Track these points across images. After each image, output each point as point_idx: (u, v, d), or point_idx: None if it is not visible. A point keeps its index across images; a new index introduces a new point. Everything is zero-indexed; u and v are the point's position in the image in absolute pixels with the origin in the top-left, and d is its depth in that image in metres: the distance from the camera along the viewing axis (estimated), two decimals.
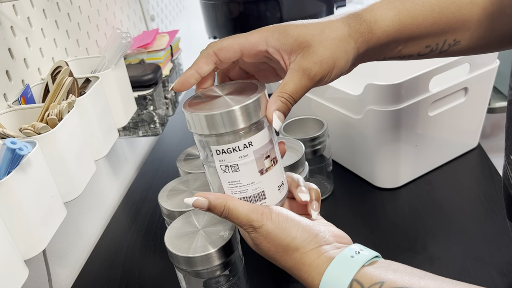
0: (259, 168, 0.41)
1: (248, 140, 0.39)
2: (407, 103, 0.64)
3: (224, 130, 0.38)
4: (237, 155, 0.40)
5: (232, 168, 0.41)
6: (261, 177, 0.41)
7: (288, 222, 0.40)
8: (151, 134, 0.84)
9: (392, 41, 0.43)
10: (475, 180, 0.73)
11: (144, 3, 1.04)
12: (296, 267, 0.40)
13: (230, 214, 0.41)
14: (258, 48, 0.41)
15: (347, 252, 0.38)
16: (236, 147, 0.39)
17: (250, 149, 0.40)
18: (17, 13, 0.58)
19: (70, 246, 0.70)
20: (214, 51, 0.42)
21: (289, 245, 0.39)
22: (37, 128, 0.48)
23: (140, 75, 0.78)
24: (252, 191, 0.41)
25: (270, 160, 0.41)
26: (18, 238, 0.44)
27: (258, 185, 0.41)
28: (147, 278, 0.64)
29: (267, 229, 0.40)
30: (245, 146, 0.40)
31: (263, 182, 0.41)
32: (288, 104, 0.40)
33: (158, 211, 0.77)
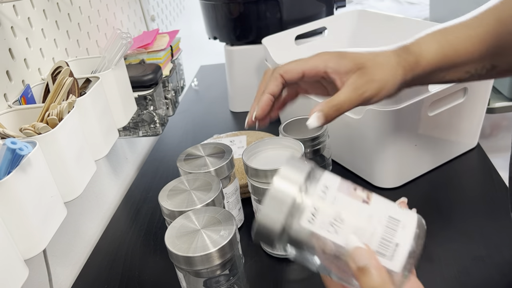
0: (359, 200, 0.33)
1: (324, 183, 0.33)
2: (407, 103, 0.64)
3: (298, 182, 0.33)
4: (327, 200, 0.33)
5: (334, 219, 0.32)
6: (369, 207, 0.33)
7: None
8: (151, 134, 0.84)
9: (436, 70, 0.48)
10: (475, 180, 0.73)
11: (145, 4, 1.05)
12: None
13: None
14: (318, 69, 0.47)
15: None
16: (318, 193, 0.33)
17: (331, 190, 0.33)
18: (18, 13, 0.58)
19: (70, 246, 0.70)
20: (281, 74, 0.48)
21: None
22: (37, 128, 0.48)
23: (140, 75, 0.79)
24: (378, 223, 0.32)
25: (362, 190, 0.34)
26: (18, 238, 0.44)
27: (376, 223, 0.32)
28: (147, 278, 0.64)
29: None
30: (326, 188, 0.33)
31: (375, 211, 0.33)
32: (331, 112, 0.45)
33: (158, 211, 0.77)
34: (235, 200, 0.67)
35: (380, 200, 0.33)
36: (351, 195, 0.32)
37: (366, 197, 0.33)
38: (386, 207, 0.33)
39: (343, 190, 0.33)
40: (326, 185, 0.33)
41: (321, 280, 0.37)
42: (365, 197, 0.33)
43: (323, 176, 0.33)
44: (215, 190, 0.57)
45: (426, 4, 1.64)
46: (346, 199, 0.32)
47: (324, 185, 0.33)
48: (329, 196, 0.32)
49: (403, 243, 0.31)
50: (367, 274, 0.30)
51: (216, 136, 0.87)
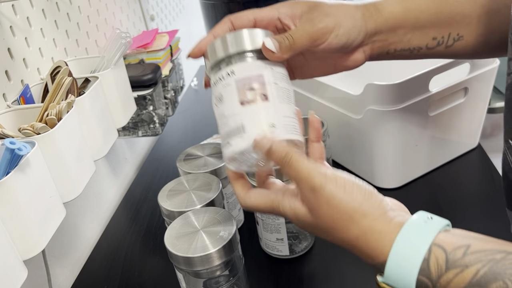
0: (240, 99, 0.39)
1: (231, 68, 0.40)
2: (407, 103, 0.64)
3: (213, 58, 0.41)
4: (222, 84, 0.40)
5: (218, 99, 0.40)
6: (241, 108, 0.39)
7: (354, 186, 0.36)
8: (151, 134, 0.84)
9: (399, 26, 0.46)
10: (475, 180, 0.73)
11: (144, 3, 1.04)
12: (364, 237, 0.35)
13: (291, 165, 0.37)
14: (270, 16, 0.44)
15: (419, 217, 0.34)
16: (222, 75, 0.40)
17: (231, 77, 0.40)
18: (17, 13, 0.58)
19: (70, 246, 0.70)
20: (230, 19, 0.45)
21: (356, 211, 0.35)
22: (36, 128, 0.48)
23: (140, 75, 0.78)
24: (233, 122, 0.39)
25: (255, 94, 0.39)
26: (17, 238, 0.44)
27: (238, 117, 0.39)
28: (147, 278, 0.64)
29: (331, 191, 0.35)
30: (228, 75, 0.40)
31: (244, 114, 0.39)
32: (286, 40, 0.42)
33: (158, 211, 0.77)
34: (235, 200, 0.67)
35: (256, 112, 0.39)
36: (239, 90, 0.39)
37: (246, 101, 0.39)
38: (250, 118, 0.39)
39: (239, 82, 0.39)
40: (233, 71, 0.40)
41: (321, 280, 0.37)
42: (246, 101, 0.39)
43: (245, 65, 0.40)
44: (215, 190, 0.57)
45: None
46: (231, 92, 0.40)
47: (231, 70, 0.39)
48: (226, 81, 0.40)
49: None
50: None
51: (216, 136, 0.87)
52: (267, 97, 0.39)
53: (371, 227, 0.35)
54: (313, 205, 0.37)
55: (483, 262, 0.29)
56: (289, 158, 0.37)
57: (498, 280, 0.28)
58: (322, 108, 0.75)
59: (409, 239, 0.33)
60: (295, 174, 0.37)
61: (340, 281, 0.58)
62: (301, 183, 0.37)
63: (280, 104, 0.40)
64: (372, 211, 0.35)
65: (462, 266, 0.30)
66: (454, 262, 0.31)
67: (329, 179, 0.36)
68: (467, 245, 0.31)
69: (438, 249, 0.32)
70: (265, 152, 0.38)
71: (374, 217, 0.35)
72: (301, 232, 0.64)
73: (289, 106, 0.41)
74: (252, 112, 0.39)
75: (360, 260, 0.38)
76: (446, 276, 0.31)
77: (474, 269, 0.30)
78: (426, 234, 0.32)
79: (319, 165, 0.37)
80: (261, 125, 0.39)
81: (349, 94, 0.67)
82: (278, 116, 0.39)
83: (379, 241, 0.34)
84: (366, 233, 0.35)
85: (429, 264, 0.31)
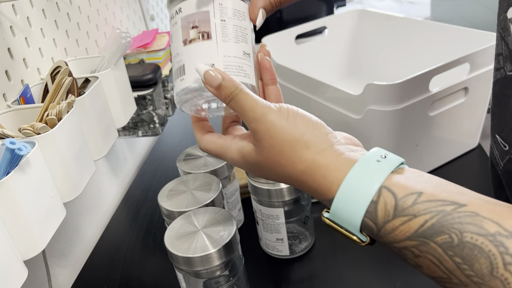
0: (183, 38, 0.38)
1: (179, 6, 0.39)
2: (407, 103, 0.64)
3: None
4: (172, 22, 0.39)
5: (171, 39, 0.40)
6: (183, 48, 0.38)
7: (298, 116, 0.35)
8: (151, 134, 0.84)
9: None
10: (475, 180, 0.73)
11: (144, 3, 1.04)
12: (308, 170, 0.34)
13: (237, 100, 0.35)
14: None
15: (371, 155, 0.33)
16: (172, 13, 0.39)
17: (178, 15, 0.39)
18: (17, 13, 0.58)
19: (70, 247, 0.70)
20: None
21: (298, 141, 0.34)
22: (36, 128, 0.48)
23: (140, 75, 0.78)
24: (176, 63, 0.38)
25: (198, 32, 0.37)
26: (18, 239, 0.44)
27: (180, 58, 0.38)
28: (147, 278, 0.64)
29: (272, 119, 0.34)
30: (176, 13, 0.39)
31: (185, 54, 0.38)
32: (273, 2, 0.40)
33: (158, 211, 0.77)
34: (235, 200, 0.67)
35: (197, 51, 0.38)
36: (183, 29, 0.38)
37: (188, 40, 0.38)
38: (190, 58, 0.38)
39: (183, 20, 0.38)
40: (180, 8, 0.38)
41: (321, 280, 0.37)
42: (188, 40, 0.38)
43: (192, 1, 0.38)
44: (215, 190, 0.57)
45: (427, 4, 1.64)
46: (177, 31, 0.39)
47: (179, 7, 0.38)
48: (174, 20, 0.39)
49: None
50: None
51: None
52: (209, 35, 0.38)
53: (314, 161, 0.33)
54: (256, 138, 0.35)
55: (432, 213, 0.28)
56: (236, 93, 0.35)
57: (444, 233, 0.27)
58: (322, 108, 0.75)
59: (359, 178, 0.31)
60: (240, 108, 0.35)
61: (340, 281, 0.58)
62: (245, 115, 0.35)
63: (225, 43, 0.38)
64: (315, 143, 0.34)
65: (410, 216, 0.29)
66: (402, 209, 0.29)
67: (272, 109, 0.35)
68: (419, 193, 0.30)
69: (388, 193, 0.30)
70: (215, 87, 0.36)
71: (318, 150, 0.34)
72: (301, 232, 0.64)
73: (237, 45, 0.39)
74: (191, 51, 0.38)
75: (360, 260, 0.38)
76: (392, 223, 0.30)
77: (422, 219, 0.29)
78: (377, 174, 0.31)
79: (263, 100, 0.36)
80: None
81: (349, 94, 0.67)
82: (219, 55, 0.37)
83: (326, 177, 0.33)
84: (311, 166, 0.34)
85: (377, 208, 0.30)
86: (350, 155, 0.33)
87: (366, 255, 0.61)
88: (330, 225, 0.34)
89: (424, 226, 0.28)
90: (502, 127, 0.40)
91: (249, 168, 0.38)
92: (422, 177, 0.32)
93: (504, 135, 0.40)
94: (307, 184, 0.34)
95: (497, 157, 0.42)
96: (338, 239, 0.64)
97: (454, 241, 0.27)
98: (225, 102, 0.36)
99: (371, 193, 0.31)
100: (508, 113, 0.39)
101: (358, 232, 0.32)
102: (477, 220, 0.27)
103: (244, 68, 0.39)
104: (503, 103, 0.40)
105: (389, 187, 0.31)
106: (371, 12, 0.96)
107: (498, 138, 0.41)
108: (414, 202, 0.29)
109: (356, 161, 0.32)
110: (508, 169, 0.41)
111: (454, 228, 0.27)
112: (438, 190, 0.30)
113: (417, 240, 0.29)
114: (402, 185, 0.31)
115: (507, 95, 0.39)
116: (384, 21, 0.93)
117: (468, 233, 0.27)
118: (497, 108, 0.41)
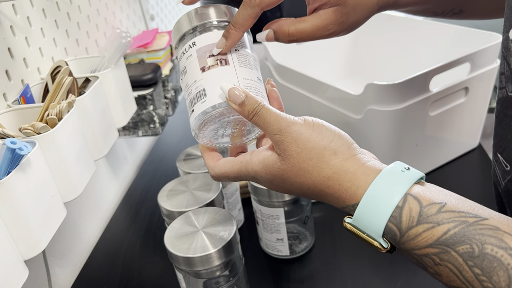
0: (201, 66, 0.40)
1: (192, 40, 0.41)
2: (407, 103, 0.64)
3: (177, 35, 0.42)
4: (185, 57, 0.41)
5: (183, 73, 0.41)
6: (201, 75, 0.40)
7: (323, 127, 0.36)
8: (151, 134, 0.84)
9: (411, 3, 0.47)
10: (476, 180, 0.73)
11: (144, 3, 1.04)
12: (335, 176, 0.34)
13: (260, 114, 0.36)
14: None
15: (396, 166, 0.34)
16: (184, 48, 0.41)
17: (193, 48, 0.40)
18: (17, 12, 0.58)
19: (70, 246, 0.70)
20: None
21: (326, 149, 0.35)
22: (36, 128, 0.48)
23: (140, 75, 0.78)
24: (195, 89, 0.40)
25: (216, 60, 0.40)
26: (18, 238, 0.44)
27: (199, 83, 0.40)
28: (147, 278, 0.64)
29: (298, 129, 0.35)
30: (190, 47, 0.41)
31: (204, 79, 0.40)
32: (285, 36, 0.44)
33: (158, 211, 0.77)
34: (235, 200, 0.67)
35: (218, 75, 0.39)
36: (199, 58, 0.40)
37: (207, 67, 0.39)
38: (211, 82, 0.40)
39: (199, 51, 0.40)
40: (194, 42, 0.41)
41: (321, 280, 0.37)
42: (207, 66, 0.39)
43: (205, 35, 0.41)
44: (215, 190, 0.57)
45: None
46: (192, 61, 0.41)
47: (193, 42, 0.41)
48: (188, 53, 0.41)
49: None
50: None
51: None
52: (227, 61, 0.40)
53: (342, 166, 0.34)
54: (282, 148, 0.36)
55: (455, 223, 0.29)
56: (259, 109, 0.37)
57: (465, 243, 0.28)
58: (322, 108, 0.75)
59: (385, 185, 0.32)
60: (263, 122, 0.36)
61: (340, 281, 0.58)
62: (268, 129, 0.36)
63: (241, 68, 0.40)
64: (343, 150, 0.35)
65: (433, 223, 0.30)
66: (427, 216, 0.30)
67: (297, 121, 0.36)
68: (443, 203, 0.31)
69: (413, 200, 0.31)
70: (239, 104, 0.37)
71: (345, 157, 0.34)
72: (301, 232, 0.64)
73: (251, 71, 0.41)
74: (211, 76, 0.39)
75: (360, 260, 0.38)
76: (415, 229, 0.30)
77: (445, 227, 0.29)
78: (402, 183, 0.32)
79: (285, 114, 0.37)
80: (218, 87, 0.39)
81: (349, 94, 0.67)
82: (239, 78, 0.40)
83: (353, 182, 0.34)
84: (339, 171, 0.34)
85: (402, 213, 0.31)
86: (376, 163, 0.35)
87: (367, 255, 0.61)
88: (352, 230, 0.34)
89: (446, 234, 0.29)
90: (503, 146, 0.40)
91: (271, 180, 0.38)
92: (443, 191, 0.33)
93: (505, 155, 0.40)
94: (333, 189, 0.35)
95: (499, 176, 0.42)
96: (338, 239, 0.64)
97: (475, 252, 0.28)
98: (248, 118, 0.37)
99: (396, 199, 0.31)
100: (509, 134, 0.39)
101: (380, 238, 0.32)
102: (498, 233, 0.28)
103: (261, 91, 0.41)
104: (504, 123, 0.39)
105: (414, 195, 0.31)
106: None
107: (499, 157, 0.41)
108: (438, 210, 0.30)
109: (381, 169, 0.34)
110: (509, 189, 0.41)
111: (476, 239, 0.28)
112: (460, 203, 0.31)
113: (439, 248, 0.29)
114: (426, 194, 0.32)
115: (508, 116, 0.39)
116: (384, 21, 0.93)
117: (489, 245, 0.27)
118: (498, 128, 0.41)
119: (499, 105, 0.40)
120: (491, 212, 0.30)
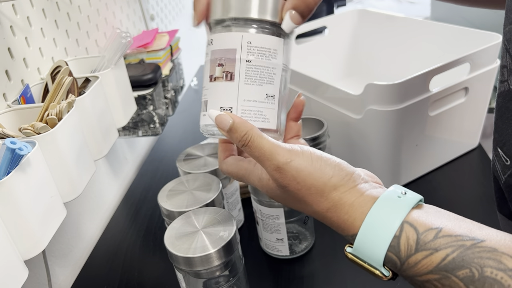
0: (210, 73, 0.38)
1: (211, 37, 0.39)
2: (407, 103, 0.64)
3: (211, 17, 0.39)
4: (207, 51, 0.39)
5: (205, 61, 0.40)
6: (209, 84, 0.39)
7: (322, 160, 0.35)
8: (151, 134, 0.84)
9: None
10: (476, 180, 0.73)
11: (144, 3, 1.04)
12: (334, 208, 0.35)
13: (252, 142, 0.36)
14: None
15: (392, 192, 0.34)
16: (209, 40, 0.39)
17: (210, 47, 0.39)
18: (17, 12, 0.58)
19: (70, 246, 0.70)
20: None
21: (326, 185, 0.35)
22: (36, 128, 0.48)
23: (140, 75, 0.78)
24: (203, 96, 0.39)
25: (222, 71, 0.38)
26: (18, 238, 0.44)
27: (206, 92, 0.39)
28: (147, 278, 0.64)
29: (297, 166, 0.35)
30: (209, 43, 0.39)
31: (209, 90, 0.39)
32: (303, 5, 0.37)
33: (158, 211, 0.77)
34: (235, 200, 0.67)
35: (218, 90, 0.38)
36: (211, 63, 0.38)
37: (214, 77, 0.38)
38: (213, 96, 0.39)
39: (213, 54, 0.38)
40: (212, 40, 0.38)
41: (321, 280, 0.38)
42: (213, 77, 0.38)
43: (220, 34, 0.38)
44: (215, 190, 0.57)
45: (427, 3, 1.64)
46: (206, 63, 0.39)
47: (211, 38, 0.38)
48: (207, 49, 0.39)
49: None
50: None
51: None
52: (232, 76, 0.38)
53: (341, 199, 0.34)
54: (281, 183, 0.36)
55: (452, 248, 0.29)
56: (249, 138, 0.36)
57: (465, 268, 0.28)
58: (322, 108, 0.75)
59: (381, 215, 0.32)
60: (258, 154, 0.36)
61: (340, 281, 0.58)
62: (265, 164, 0.36)
63: (247, 85, 0.38)
64: (343, 183, 0.35)
65: (431, 250, 0.30)
66: (424, 244, 0.30)
67: (294, 155, 0.35)
68: (439, 228, 0.31)
69: (410, 228, 0.31)
70: (227, 131, 0.37)
71: (345, 189, 0.35)
72: (301, 232, 0.64)
73: (260, 88, 0.38)
74: (214, 90, 0.38)
75: None
76: (414, 257, 0.31)
77: (443, 253, 0.29)
78: (398, 210, 0.32)
79: (281, 143, 0.36)
80: (217, 107, 0.38)
81: (349, 94, 0.67)
82: (239, 100, 0.38)
83: (350, 214, 0.34)
84: (337, 204, 0.35)
85: (400, 242, 0.31)
86: (373, 192, 0.34)
87: None
88: (353, 259, 0.34)
89: (445, 260, 0.29)
90: (504, 141, 0.40)
91: (272, 197, 0.39)
92: (440, 213, 0.33)
93: (506, 149, 0.40)
94: (332, 220, 0.35)
95: (499, 170, 0.42)
96: (338, 240, 0.64)
97: (475, 276, 0.28)
98: (239, 146, 0.37)
99: (393, 228, 0.31)
100: (510, 128, 0.39)
101: (381, 267, 0.32)
102: (496, 255, 0.28)
103: (264, 113, 0.39)
104: (505, 117, 0.39)
105: (411, 222, 0.31)
106: (371, 12, 0.96)
107: (500, 151, 0.41)
108: (435, 236, 0.30)
109: (377, 197, 0.33)
110: (509, 184, 0.40)
111: (475, 262, 0.28)
112: (456, 225, 0.31)
113: (439, 274, 0.29)
114: (423, 220, 0.32)
115: (510, 109, 0.39)
116: (384, 21, 0.93)
117: (488, 267, 0.28)
118: (499, 121, 0.41)
119: (500, 99, 0.40)
120: (489, 231, 0.30)
